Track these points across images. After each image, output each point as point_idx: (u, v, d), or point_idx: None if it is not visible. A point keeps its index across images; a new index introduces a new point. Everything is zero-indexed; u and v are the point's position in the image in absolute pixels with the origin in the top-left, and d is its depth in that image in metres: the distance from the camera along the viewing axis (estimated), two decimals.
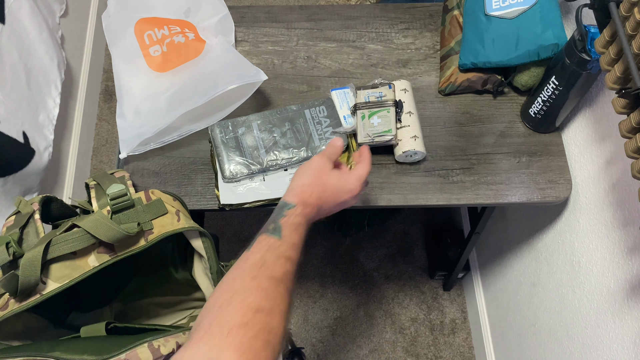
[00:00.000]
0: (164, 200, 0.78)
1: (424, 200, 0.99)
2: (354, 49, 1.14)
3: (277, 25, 1.16)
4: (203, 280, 0.83)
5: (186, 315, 0.96)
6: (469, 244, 1.38)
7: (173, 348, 0.66)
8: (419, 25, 1.16)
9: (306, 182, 0.72)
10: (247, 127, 0.99)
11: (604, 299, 0.94)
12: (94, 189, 0.79)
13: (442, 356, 1.63)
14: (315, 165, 0.75)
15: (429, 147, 1.02)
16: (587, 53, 0.86)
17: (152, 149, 0.99)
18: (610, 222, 0.92)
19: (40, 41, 1.40)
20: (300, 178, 0.73)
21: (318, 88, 1.09)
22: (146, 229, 0.74)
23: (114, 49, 1.04)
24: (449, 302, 1.70)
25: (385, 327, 1.66)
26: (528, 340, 1.27)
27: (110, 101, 1.90)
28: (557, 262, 1.11)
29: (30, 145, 1.28)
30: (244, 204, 0.95)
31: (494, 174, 1.01)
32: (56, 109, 1.45)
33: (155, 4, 1.06)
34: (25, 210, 0.76)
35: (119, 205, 0.75)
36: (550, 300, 1.15)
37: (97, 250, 0.71)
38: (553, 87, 0.94)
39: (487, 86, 1.06)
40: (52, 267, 0.68)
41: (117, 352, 0.63)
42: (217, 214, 1.78)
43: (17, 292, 0.65)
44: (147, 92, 1.00)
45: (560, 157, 1.03)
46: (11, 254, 0.68)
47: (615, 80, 0.70)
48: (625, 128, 0.68)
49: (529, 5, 0.95)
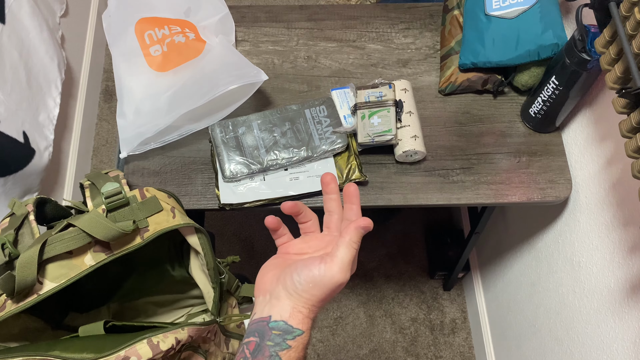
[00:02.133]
0: (159, 198, 0.78)
1: (424, 200, 0.98)
2: (354, 48, 1.14)
3: (277, 25, 1.16)
4: (200, 277, 0.83)
5: (184, 314, 0.96)
6: (469, 244, 1.38)
7: (172, 344, 0.66)
8: (419, 25, 1.16)
9: (319, 295, 0.51)
10: (247, 126, 0.99)
11: (604, 298, 0.94)
12: (89, 188, 0.79)
13: (442, 356, 1.63)
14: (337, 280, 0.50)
15: (429, 147, 1.02)
16: (587, 53, 0.86)
17: (152, 148, 0.99)
18: (611, 222, 0.92)
19: (41, 41, 1.40)
20: (316, 288, 0.50)
21: (318, 88, 1.09)
22: (142, 227, 0.74)
23: (114, 49, 1.03)
24: (449, 302, 1.70)
25: (385, 327, 1.66)
26: (528, 340, 1.27)
27: (110, 101, 1.90)
28: (557, 262, 1.11)
29: (31, 145, 1.28)
30: (244, 204, 0.95)
31: (494, 173, 1.01)
32: (56, 108, 1.45)
33: (155, 3, 1.06)
34: (19, 211, 0.76)
35: (114, 203, 0.75)
36: (550, 300, 1.15)
37: (93, 249, 0.71)
38: (553, 87, 0.94)
39: (487, 86, 1.06)
40: (49, 267, 0.68)
41: (117, 349, 0.63)
42: (217, 214, 1.78)
43: (14, 292, 0.65)
44: (147, 92, 1.00)
45: (560, 156, 1.03)
46: (7, 255, 0.68)
47: (615, 80, 0.70)
48: (626, 128, 0.68)
49: (529, 5, 0.95)
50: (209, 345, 0.78)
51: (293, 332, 0.49)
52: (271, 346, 0.48)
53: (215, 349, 0.80)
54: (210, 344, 0.79)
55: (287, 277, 0.51)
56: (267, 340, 0.48)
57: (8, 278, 0.64)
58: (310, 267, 0.50)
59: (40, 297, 0.67)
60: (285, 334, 0.48)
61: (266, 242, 1.73)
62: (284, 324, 0.49)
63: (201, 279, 0.83)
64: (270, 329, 0.49)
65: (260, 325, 0.49)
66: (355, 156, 0.98)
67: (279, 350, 0.48)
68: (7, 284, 0.64)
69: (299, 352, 0.49)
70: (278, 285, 0.51)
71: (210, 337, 0.79)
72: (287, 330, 0.49)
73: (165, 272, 0.94)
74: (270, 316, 0.50)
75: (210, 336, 0.78)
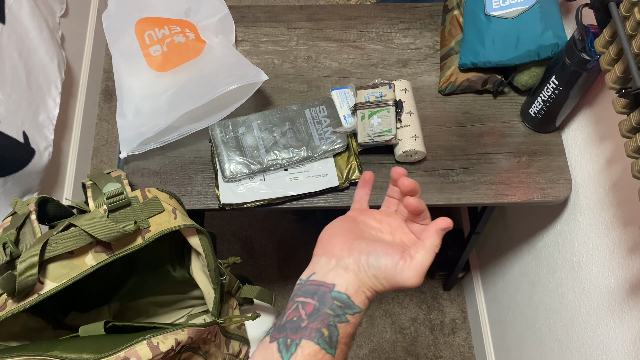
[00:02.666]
0: (161, 199, 0.78)
1: (424, 200, 0.98)
2: (354, 48, 1.14)
3: (277, 25, 1.16)
4: (201, 278, 0.83)
5: (185, 314, 0.96)
6: (469, 244, 1.38)
7: (172, 345, 0.66)
8: (419, 25, 1.16)
9: (386, 286, 0.49)
10: (247, 126, 0.99)
11: (604, 298, 0.94)
12: (91, 188, 0.79)
13: (442, 356, 1.63)
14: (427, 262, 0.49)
15: (429, 147, 1.02)
16: (587, 53, 0.86)
17: (152, 148, 0.99)
18: (611, 222, 0.92)
19: (41, 41, 1.40)
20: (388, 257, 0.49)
21: (318, 88, 1.09)
22: (143, 227, 0.74)
23: (114, 49, 1.04)
24: (449, 302, 1.70)
25: (385, 327, 1.66)
26: (528, 340, 1.27)
27: (110, 101, 1.90)
28: (557, 262, 1.11)
29: (30, 145, 1.28)
30: (244, 204, 0.95)
31: (494, 173, 1.01)
32: (56, 108, 1.45)
33: (155, 3, 1.06)
34: (21, 211, 0.76)
35: (116, 203, 0.75)
36: (550, 300, 1.15)
37: (95, 249, 0.71)
38: (553, 87, 0.94)
39: (487, 86, 1.06)
40: (50, 266, 0.68)
41: (116, 350, 0.63)
42: (217, 214, 1.78)
43: (15, 292, 0.65)
44: (147, 92, 1.00)
45: (560, 156, 1.03)
46: (8, 254, 0.68)
47: (615, 80, 0.70)
48: (626, 128, 0.68)
49: (529, 5, 0.95)
50: (209, 347, 0.78)
51: (354, 308, 0.48)
52: (331, 315, 0.46)
53: (215, 350, 0.80)
54: (210, 345, 0.79)
55: (363, 255, 0.49)
56: (327, 308, 0.47)
57: (9, 277, 0.65)
58: (390, 258, 0.48)
59: (41, 297, 0.67)
60: (347, 308, 0.47)
61: (266, 242, 1.73)
62: (347, 298, 0.48)
63: (202, 279, 0.83)
64: (333, 298, 0.47)
65: (322, 290, 0.48)
66: (355, 156, 0.98)
67: (338, 322, 0.47)
68: (8, 283, 0.64)
69: (354, 328, 0.48)
70: (350, 256, 0.49)
71: (211, 338, 0.79)
72: (348, 305, 0.47)
73: (166, 273, 0.95)
74: (335, 285, 0.48)
75: (211, 337, 0.78)
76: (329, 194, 0.98)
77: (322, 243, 0.53)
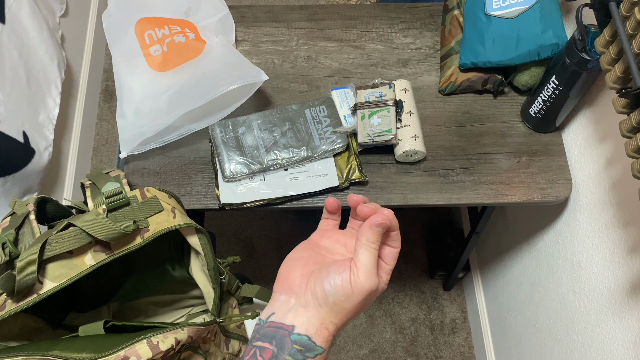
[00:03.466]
0: (160, 198, 0.78)
1: (424, 200, 0.98)
2: (354, 48, 1.14)
3: (277, 25, 1.16)
4: (200, 277, 0.83)
5: (184, 314, 0.96)
6: (469, 244, 1.38)
7: (172, 344, 0.66)
8: (419, 25, 1.16)
9: (350, 307, 0.46)
10: (247, 126, 0.99)
11: (604, 298, 0.94)
12: (89, 188, 0.79)
13: (442, 356, 1.63)
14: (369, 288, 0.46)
15: (429, 147, 1.02)
16: (588, 53, 0.86)
17: (152, 148, 0.99)
18: (611, 222, 0.92)
19: (41, 41, 1.40)
20: (348, 300, 0.46)
21: (318, 88, 1.09)
22: (142, 227, 0.74)
23: (114, 49, 1.03)
24: (449, 302, 1.70)
25: (385, 327, 1.66)
26: (528, 340, 1.27)
27: (110, 101, 1.90)
28: (557, 262, 1.11)
29: (30, 145, 1.28)
30: (244, 204, 0.95)
31: (494, 173, 1.01)
32: (56, 108, 1.45)
33: (155, 3, 1.06)
34: (20, 211, 0.76)
35: (114, 203, 0.75)
36: (550, 300, 1.15)
37: (94, 249, 0.71)
38: (553, 86, 0.94)
39: (488, 86, 1.06)
40: (49, 266, 0.68)
41: (116, 349, 0.63)
42: (217, 214, 1.78)
43: (14, 292, 0.65)
44: (147, 92, 1.00)
45: (560, 156, 1.03)
46: (7, 254, 0.68)
47: (615, 79, 0.70)
48: (626, 128, 0.68)
49: (529, 5, 0.95)
50: (209, 346, 0.78)
51: (315, 350, 0.44)
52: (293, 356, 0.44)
53: (215, 349, 0.80)
54: (210, 345, 0.79)
55: (318, 286, 0.46)
56: (286, 354, 0.44)
57: (8, 277, 0.65)
58: (340, 276, 0.45)
59: (40, 297, 0.67)
60: (307, 351, 0.44)
61: (266, 242, 1.73)
62: (308, 340, 0.44)
63: (201, 279, 0.83)
64: (292, 342, 0.44)
65: (280, 334, 0.45)
66: (355, 156, 0.98)
67: None
68: (8, 283, 0.64)
69: None
70: (307, 292, 0.46)
71: (210, 338, 0.79)
72: (309, 348, 0.44)
73: (166, 272, 0.94)
74: (294, 327, 0.45)
75: (210, 336, 0.78)
76: (329, 194, 0.98)
77: (280, 279, 0.50)
